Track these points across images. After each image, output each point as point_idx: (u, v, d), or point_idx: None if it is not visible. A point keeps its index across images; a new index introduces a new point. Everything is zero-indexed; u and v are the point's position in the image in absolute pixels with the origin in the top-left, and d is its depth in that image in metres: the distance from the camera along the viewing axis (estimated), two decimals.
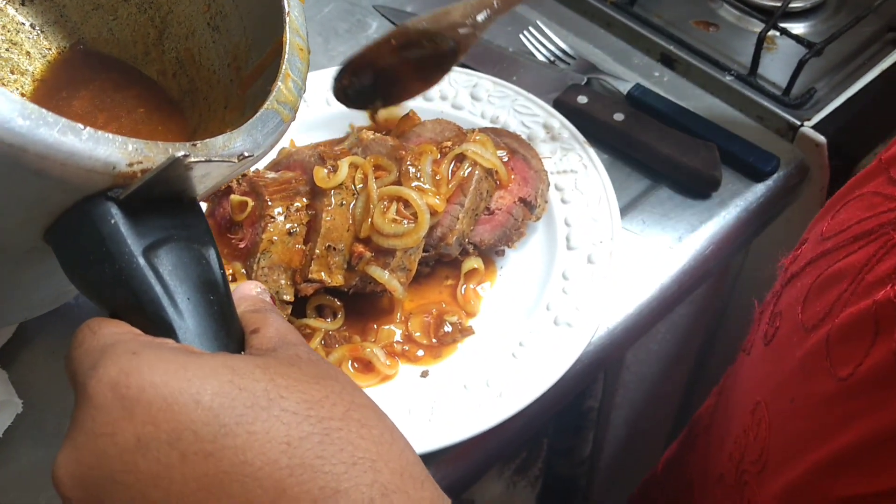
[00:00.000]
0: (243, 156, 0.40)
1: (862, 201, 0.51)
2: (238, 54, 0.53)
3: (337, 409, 0.33)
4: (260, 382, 0.33)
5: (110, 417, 0.31)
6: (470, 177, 0.70)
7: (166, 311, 0.36)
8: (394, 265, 0.67)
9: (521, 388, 0.63)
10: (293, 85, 0.45)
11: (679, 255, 0.75)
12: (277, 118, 0.43)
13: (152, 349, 0.33)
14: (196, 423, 0.31)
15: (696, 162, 0.77)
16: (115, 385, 0.31)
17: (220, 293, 0.39)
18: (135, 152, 0.35)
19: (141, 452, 0.31)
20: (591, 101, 0.83)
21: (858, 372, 0.43)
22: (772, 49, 0.94)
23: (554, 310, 0.68)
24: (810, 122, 0.86)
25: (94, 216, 0.36)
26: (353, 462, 0.32)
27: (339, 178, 0.68)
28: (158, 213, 0.38)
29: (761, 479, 0.52)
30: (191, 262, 0.38)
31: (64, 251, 0.38)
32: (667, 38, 0.95)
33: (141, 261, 0.36)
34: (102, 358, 0.33)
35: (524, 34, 0.95)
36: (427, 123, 0.77)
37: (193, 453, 0.31)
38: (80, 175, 0.34)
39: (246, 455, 0.31)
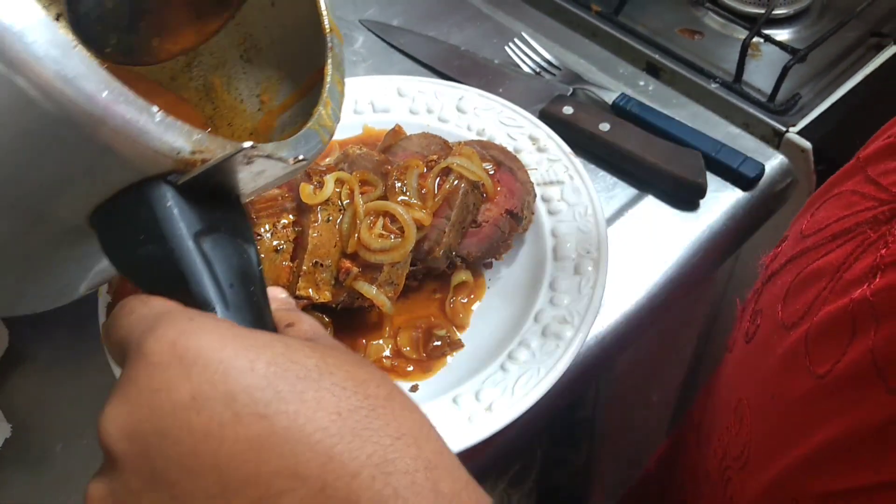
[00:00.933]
0: (298, 158, 0.41)
1: (840, 199, 0.52)
2: (270, 86, 0.55)
3: (381, 390, 0.34)
4: (311, 358, 0.34)
5: (167, 375, 0.32)
6: (456, 190, 0.70)
7: (210, 292, 0.37)
8: (381, 280, 0.67)
9: (510, 400, 0.63)
10: (332, 112, 0.47)
11: (666, 263, 0.75)
12: (317, 138, 0.45)
13: (208, 318, 0.34)
14: (251, 387, 0.32)
15: (681, 170, 0.78)
16: (174, 345, 0.32)
17: (259, 287, 0.40)
18: (199, 141, 0.36)
19: (195, 410, 0.31)
20: (577, 112, 0.83)
21: (836, 370, 0.43)
22: (756, 56, 0.95)
23: (542, 321, 0.68)
24: (796, 128, 0.86)
25: (151, 197, 0.37)
26: (399, 436, 0.33)
27: (326, 194, 0.68)
28: (208, 205, 0.39)
29: (743, 475, 0.52)
30: (234, 254, 0.39)
31: (111, 230, 0.39)
32: (652, 47, 0.95)
33: (191, 244, 0.37)
34: (159, 321, 0.33)
35: (509, 46, 0.95)
36: (413, 137, 0.78)
37: (248, 414, 0.31)
38: (147, 155, 0.35)
39: (298, 420, 0.31)
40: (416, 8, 1.02)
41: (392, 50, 0.97)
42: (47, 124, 0.33)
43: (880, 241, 0.44)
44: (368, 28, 0.99)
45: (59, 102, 0.32)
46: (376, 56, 0.96)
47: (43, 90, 0.32)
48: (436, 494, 0.32)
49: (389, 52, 0.97)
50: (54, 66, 0.31)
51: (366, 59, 0.96)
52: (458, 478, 0.34)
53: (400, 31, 0.98)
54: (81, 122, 0.33)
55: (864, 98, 0.91)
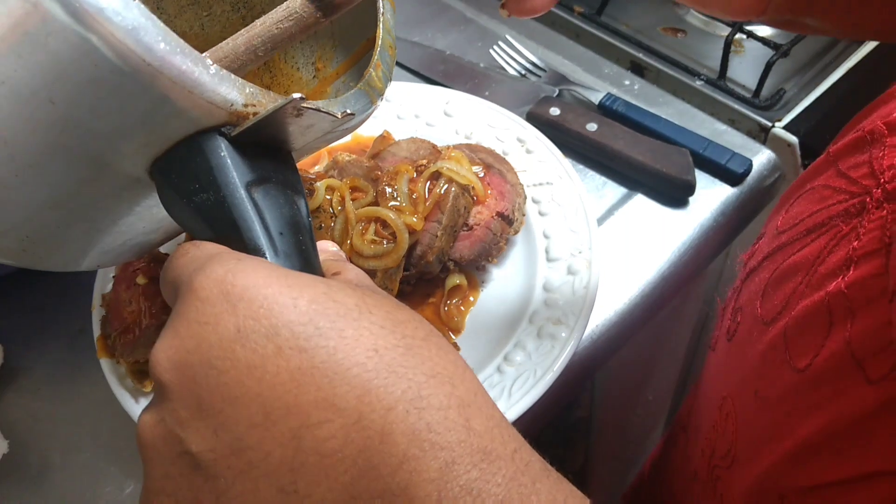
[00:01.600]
0: (346, 112, 0.42)
1: (813, 194, 0.52)
2: (324, 54, 0.56)
3: (419, 331, 0.36)
4: (351, 298, 0.35)
5: (214, 309, 0.33)
6: (446, 194, 0.71)
7: (261, 239, 0.39)
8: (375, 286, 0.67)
9: (507, 402, 0.63)
10: (383, 74, 0.48)
11: (658, 260, 0.75)
12: (367, 98, 0.46)
13: (254, 259, 0.36)
14: (293, 323, 0.33)
15: (669, 168, 0.78)
16: (222, 282, 0.34)
17: (307, 236, 0.42)
18: (251, 95, 0.38)
19: (240, 342, 0.33)
20: (564, 113, 0.84)
21: (815, 363, 0.43)
22: (739, 52, 0.96)
23: (537, 322, 0.68)
24: (781, 123, 0.87)
25: (205, 148, 0.39)
26: (433, 374, 0.34)
27: (317, 201, 0.68)
28: (260, 157, 0.41)
29: (731, 473, 0.52)
30: (285, 204, 0.41)
31: (169, 180, 0.40)
32: (636, 47, 0.96)
33: (243, 192, 0.39)
34: (209, 261, 0.35)
35: (494, 49, 0.96)
36: (401, 142, 0.78)
37: (289, 347, 0.33)
38: (202, 107, 0.37)
39: (336, 355, 0.33)
40: (399, 13, 1.01)
41: None
42: (109, 73, 0.34)
43: (852, 233, 0.45)
44: None
45: (120, 52, 0.34)
46: None
47: (105, 40, 0.33)
48: (468, 430, 0.33)
49: None
50: (116, 18, 0.33)
51: None
52: (490, 416, 0.35)
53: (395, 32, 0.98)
54: (140, 71, 0.34)
55: (848, 91, 0.91)
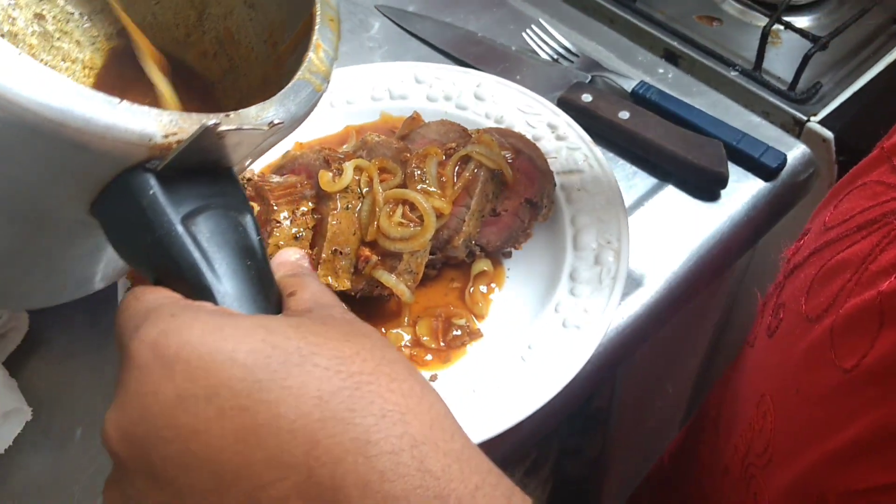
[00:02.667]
0: (273, 123, 0.40)
1: (865, 190, 0.51)
2: (274, 30, 0.54)
3: (367, 364, 0.34)
4: (292, 340, 0.33)
5: (152, 376, 0.32)
6: (475, 178, 0.70)
7: (205, 275, 0.37)
8: (401, 269, 0.67)
9: (530, 392, 0.62)
10: (324, 55, 0.46)
11: (686, 253, 0.74)
12: (310, 87, 0.44)
13: (190, 311, 0.34)
14: (232, 380, 0.32)
15: (702, 160, 0.77)
16: (156, 345, 0.33)
17: (258, 258, 0.40)
18: (170, 124, 0.36)
19: (181, 408, 0.32)
20: (596, 100, 0.83)
21: (863, 363, 0.42)
22: (776, 43, 0.94)
23: (562, 312, 0.67)
24: (817, 118, 0.85)
25: (133, 187, 0.37)
26: (383, 415, 0.33)
27: (345, 181, 0.68)
28: (195, 183, 0.39)
29: (767, 472, 0.52)
30: (228, 229, 0.39)
31: (109, 222, 0.39)
32: (670, 34, 0.94)
33: (179, 228, 0.37)
34: (144, 321, 0.34)
35: (527, 32, 0.94)
36: (431, 125, 0.77)
37: (230, 408, 0.32)
38: (119, 148, 0.35)
39: (280, 409, 0.32)
40: None
41: (408, 36, 0.96)
42: (16, 134, 0.33)
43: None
44: (384, 14, 0.98)
45: (14, 113, 0.32)
46: (392, 42, 0.95)
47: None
48: (423, 473, 0.32)
49: (405, 38, 0.96)
50: (4, 80, 0.31)
51: (382, 46, 0.95)
52: (447, 451, 0.34)
53: (416, 17, 0.97)
54: (42, 128, 0.33)
55: (886, 87, 0.90)
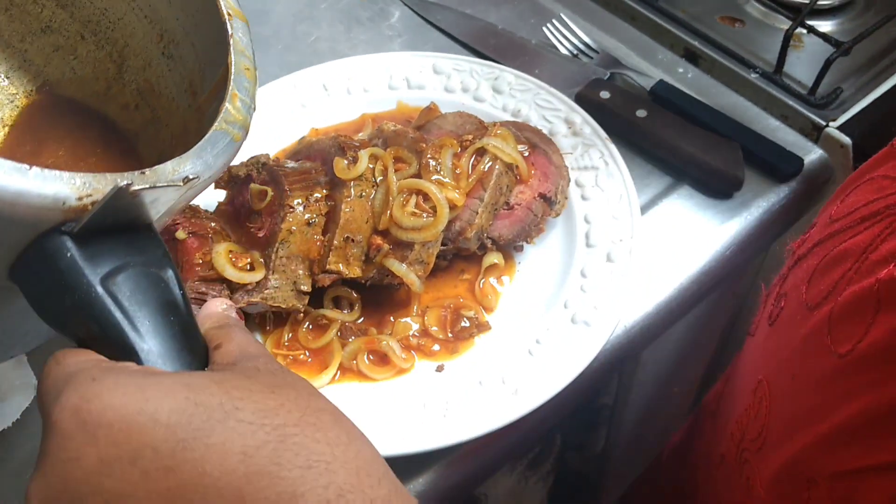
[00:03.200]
0: (188, 178, 0.40)
1: (871, 184, 0.51)
2: (193, 80, 0.54)
3: (292, 415, 0.34)
4: (215, 396, 0.33)
5: (74, 442, 0.32)
6: (490, 171, 0.70)
7: (127, 335, 0.37)
8: (412, 258, 0.67)
9: (536, 386, 0.63)
10: (241, 104, 0.46)
11: (699, 255, 0.74)
12: (227, 138, 0.44)
13: (112, 374, 0.34)
14: (155, 441, 0.32)
15: (718, 161, 0.77)
16: (77, 411, 0.32)
17: (181, 313, 0.40)
18: (83, 185, 0.35)
19: (105, 473, 0.32)
20: (614, 97, 0.82)
21: (858, 348, 0.43)
22: (798, 47, 0.93)
23: (572, 308, 0.67)
24: (836, 123, 0.84)
25: (50, 251, 0.36)
26: (309, 466, 0.33)
27: (359, 169, 0.68)
28: (114, 242, 0.38)
29: (760, 456, 0.52)
30: (149, 287, 0.39)
31: (28, 287, 0.39)
32: (691, 34, 0.94)
33: (99, 290, 0.37)
34: (66, 387, 0.33)
35: (547, 27, 0.94)
36: (448, 116, 0.77)
37: (154, 469, 0.32)
38: (32, 213, 0.35)
39: (204, 467, 0.32)
40: None
41: (428, 26, 0.96)
42: None
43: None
44: (405, 3, 0.98)
45: None
46: (411, 31, 0.95)
47: None
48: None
49: (425, 27, 0.96)
50: None
51: (401, 35, 0.95)
52: (374, 498, 0.34)
53: (437, 6, 0.97)
54: None
55: None
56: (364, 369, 0.66)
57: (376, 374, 0.66)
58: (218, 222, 0.68)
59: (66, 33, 0.58)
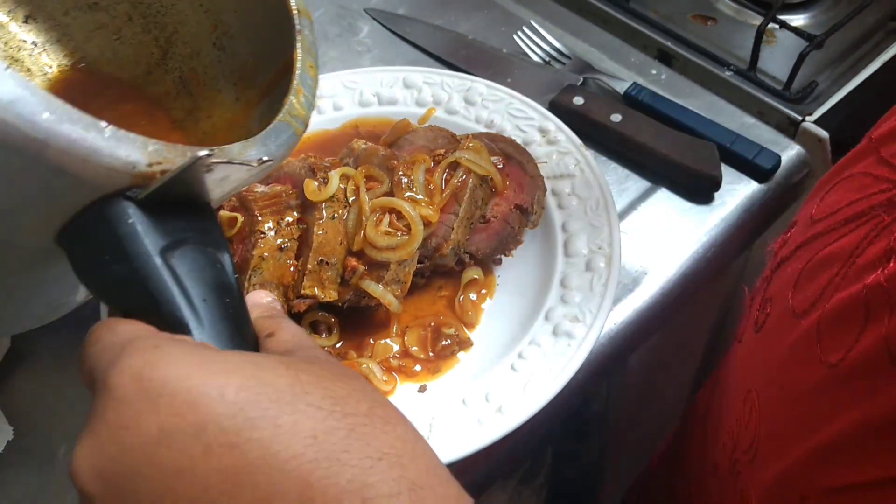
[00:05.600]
0: (262, 160, 0.40)
1: (852, 182, 0.50)
2: (245, 74, 0.53)
3: (361, 405, 0.33)
4: (284, 378, 0.32)
5: (133, 409, 0.31)
6: (464, 185, 0.69)
7: (183, 311, 0.36)
8: (388, 278, 0.65)
9: (521, 401, 0.61)
10: (304, 100, 0.46)
11: (680, 258, 0.73)
12: (290, 130, 0.44)
13: (175, 344, 0.33)
14: (221, 417, 0.30)
15: (695, 162, 0.76)
16: (139, 377, 0.31)
17: (235, 297, 0.39)
18: (155, 153, 0.35)
19: (165, 444, 0.30)
20: (588, 102, 0.82)
21: (848, 358, 0.41)
22: (771, 42, 0.93)
23: (553, 319, 0.66)
24: (812, 117, 0.84)
25: (111, 216, 0.36)
26: (379, 457, 0.32)
27: (331, 190, 0.67)
28: (174, 216, 0.38)
29: (752, 468, 0.51)
30: (206, 265, 0.38)
31: (77, 251, 0.38)
32: (664, 34, 0.93)
33: (158, 261, 0.36)
34: (123, 352, 0.32)
35: (518, 35, 0.93)
36: (419, 130, 0.76)
37: (218, 445, 0.30)
38: (101, 173, 0.34)
39: (272, 448, 0.30)
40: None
41: (398, 39, 0.95)
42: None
43: (895, 224, 0.43)
44: (373, 17, 0.97)
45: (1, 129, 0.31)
46: (381, 46, 0.94)
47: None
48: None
49: (395, 41, 0.95)
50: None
51: (371, 49, 0.94)
52: (445, 497, 0.33)
53: (406, 20, 0.96)
54: (25, 146, 0.32)
55: (882, 85, 0.88)
56: None
57: None
58: None
59: (113, 12, 0.56)
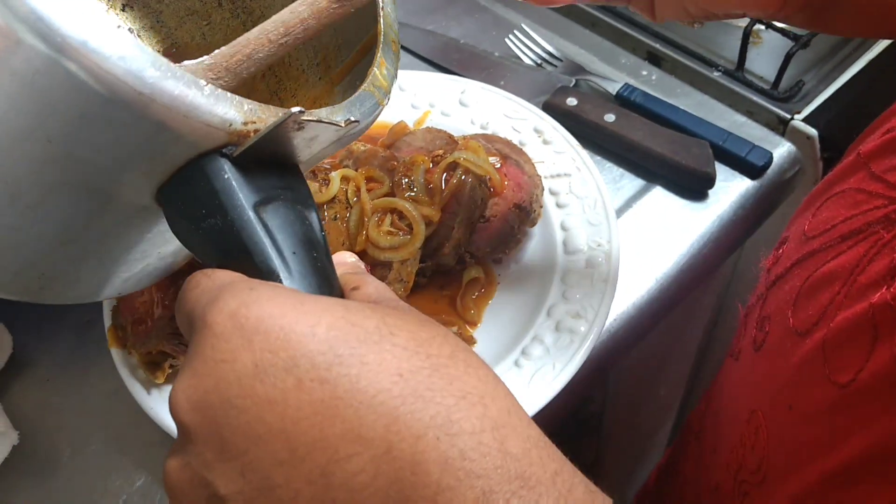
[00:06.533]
0: (350, 120, 0.41)
1: (844, 198, 0.50)
2: (328, 54, 0.55)
3: (444, 349, 0.34)
4: (371, 319, 0.33)
5: (230, 345, 0.32)
6: (463, 185, 0.69)
7: (274, 261, 0.37)
8: (391, 278, 0.66)
9: (524, 397, 0.62)
10: (387, 72, 0.47)
11: (676, 254, 0.74)
12: (373, 99, 0.45)
13: (268, 287, 0.34)
14: (312, 353, 0.32)
15: (689, 160, 0.77)
16: (235, 315, 0.33)
17: (322, 252, 0.40)
18: (250, 112, 0.37)
19: (259, 378, 0.32)
20: (581, 103, 0.83)
21: (860, 378, 0.41)
22: (758, 43, 0.94)
23: (555, 316, 0.67)
24: (800, 115, 0.85)
25: (208, 171, 0.37)
26: (463, 396, 0.32)
27: (332, 191, 0.67)
28: (266, 175, 0.39)
29: (763, 490, 0.51)
30: (296, 221, 0.39)
31: (175, 207, 0.39)
32: (652, 37, 0.94)
33: (251, 214, 0.38)
34: (221, 293, 0.34)
35: (509, 38, 0.94)
36: (417, 132, 0.77)
37: (309, 379, 0.31)
38: (200, 129, 0.35)
39: (360, 383, 0.31)
40: (413, 1, 1.01)
41: None
42: (100, 106, 0.33)
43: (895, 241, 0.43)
44: None
45: (108, 83, 0.33)
46: None
47: (91, 72, 0.32)
48: (504, 455, 0.32)
49: None
50: (101, 49, 0.32)
51: None
52: (527, 436, 0.33)
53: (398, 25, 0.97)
54: (131, 101, 0.33)
55: (868, 83, 0.90)
56: None
57: None
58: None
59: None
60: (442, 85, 0.83)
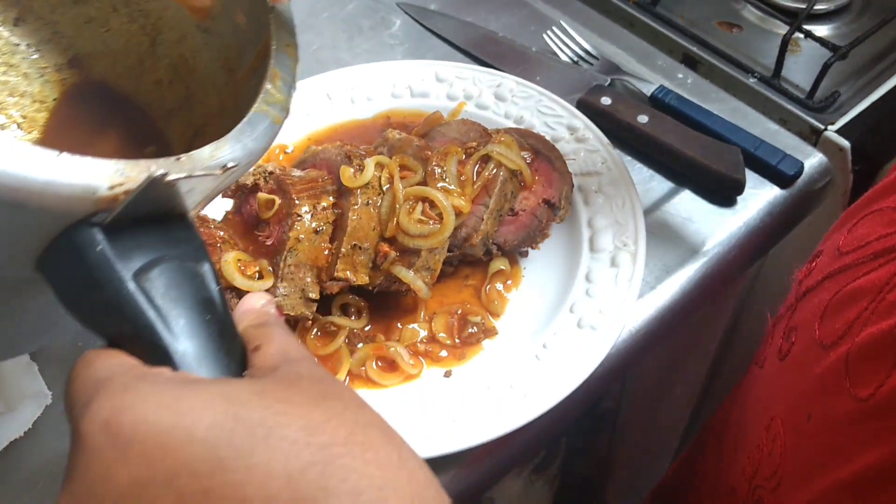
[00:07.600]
0: (226, 167, 0.38)
1: (881, 216, 0.51)
2: (230, 56, 0.52)
3: (339, 432, 0.32)
4: (257, 410, 0.31)
5: (104, 460, 0.30)
6: (495, 178, 0.71)
7: (161, 336, 0.35)
8: (418, 265, 0.67)
9: (544, 390, 0.63)
10: (282, 83, 0.44)
11: (702, 258, 0.75)
12: (267, 120, 0.42)
13: (145, 382, 0.32)
14: (192, 460, 0.30)
15: (719, 165, 0.77)
16: (107, 425, 0.30)
17: (218, 311, 0.37)
18: (115, 173, 0.33)
19: (136, 496, 0.30)
20: (615, 103, 0.83)
21: (880, 393, 0.42)
22: (795, 51, 0.94)
23: (577, 312, 0.68)
24: (834, 126, 0.85)
25: (79, 244, 0.34)
26: (359, 492, 0.30)
27: (366, 177, 0.68)
28: (147, 234, 0.36)
29: (777, 495, 0.52)
30: (184, 282, 0.37)
31: (56, 280, 0.37)
32: (689, 39, 0.95)
33: (131, 286, 0.35)
34: (96, 395, 0.31)
35: (547, 34, 0.95)
36: (452, 123, 0.78)
37: (191, 493, 0.29)
38: (60, 203, 0.33)
39: (245, 491, 0.29)
40: None
41: (429, 34, 0.97)
42: None
43: None
44: (406, 11, 0.99)
45: None
46: (413, 40, 0.96)
47: None
48: None
49: (426, 36, 0.97)
50: None
51: (402, 43, 0.96)
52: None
53: (438, 15, 0.98)
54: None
55: None
56: (373, 376, 0.67)
57: (385, 380, 0.67)
58: (226, 231, 0.69)
59: (98, 4, 0.55)
60: (478, 78, 0.84)
